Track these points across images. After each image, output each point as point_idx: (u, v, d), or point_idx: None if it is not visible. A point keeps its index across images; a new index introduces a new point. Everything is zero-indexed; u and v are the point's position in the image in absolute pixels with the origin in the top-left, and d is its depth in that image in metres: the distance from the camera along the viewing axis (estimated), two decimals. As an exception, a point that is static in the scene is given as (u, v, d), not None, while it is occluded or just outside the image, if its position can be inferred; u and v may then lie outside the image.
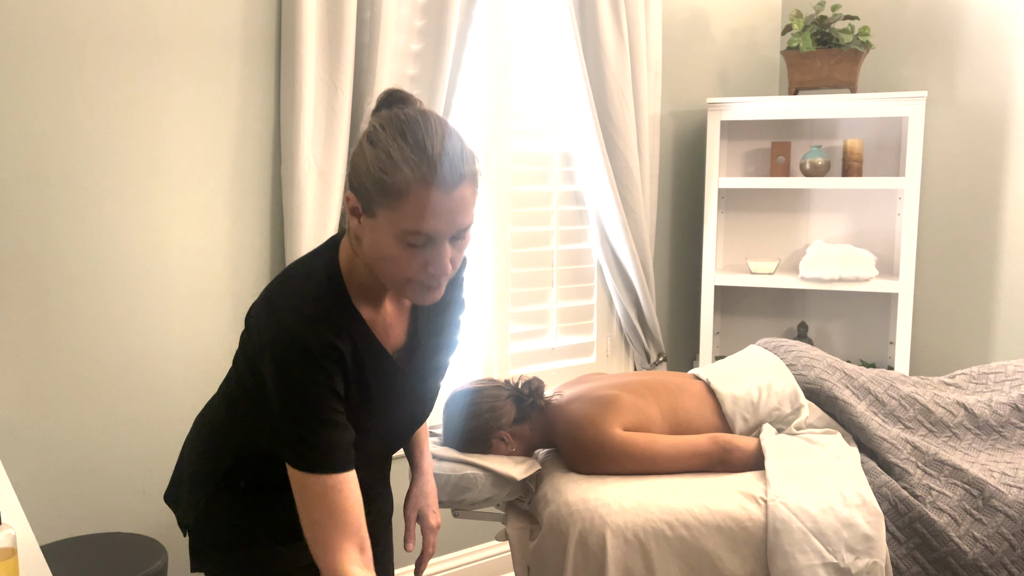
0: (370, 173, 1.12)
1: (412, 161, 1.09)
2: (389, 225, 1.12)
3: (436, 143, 1.11)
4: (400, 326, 1.34)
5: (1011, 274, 2.96)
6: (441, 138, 1.12)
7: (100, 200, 2.03)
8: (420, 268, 1.16)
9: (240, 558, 1.38)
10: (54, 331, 2.00)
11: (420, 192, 1.09)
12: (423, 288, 1.19)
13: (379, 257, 1.17)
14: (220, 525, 1.39)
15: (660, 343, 3.11)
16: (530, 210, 2.85)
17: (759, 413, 2.04)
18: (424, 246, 1.14)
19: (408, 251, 1.14)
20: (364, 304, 1.27)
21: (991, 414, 2.06)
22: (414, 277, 1.17)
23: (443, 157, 1.10)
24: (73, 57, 1.96)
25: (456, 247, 1.18)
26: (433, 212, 1.10)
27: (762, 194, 3.31)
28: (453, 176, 1.11)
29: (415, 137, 1.11)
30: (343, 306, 1.24)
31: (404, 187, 1.09)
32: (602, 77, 2.80)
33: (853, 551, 1.70)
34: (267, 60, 2.23)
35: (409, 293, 1.20)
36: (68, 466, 2.04)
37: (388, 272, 1.18)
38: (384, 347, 1.30)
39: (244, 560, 1.38)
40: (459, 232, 1.15)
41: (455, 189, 1.11)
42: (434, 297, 1.21)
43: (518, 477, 1.89)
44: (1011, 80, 2.91)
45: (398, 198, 1.10)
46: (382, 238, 1.14)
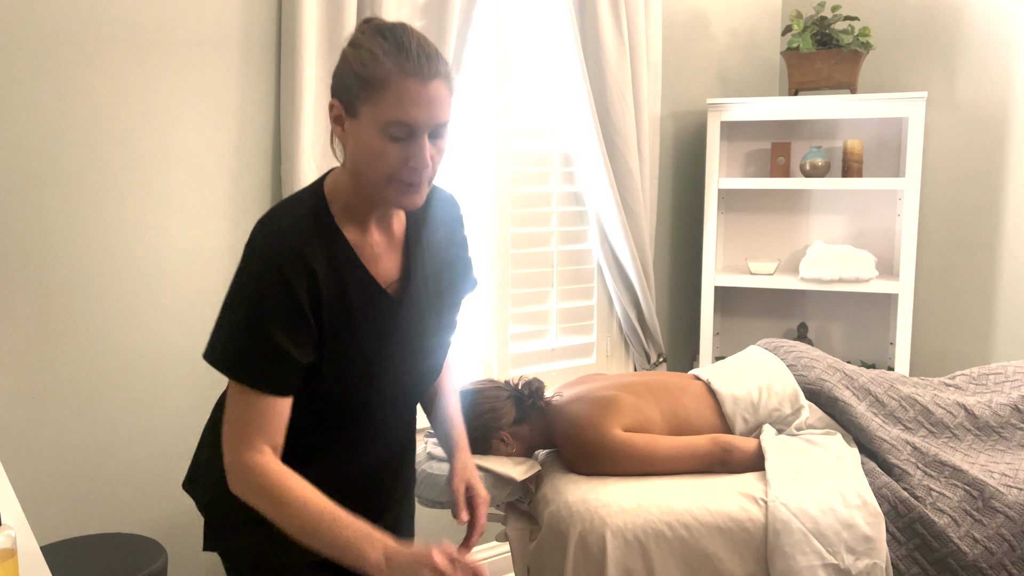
0: (353, 71, 1.19)
1: (392, 55, 1.17)
2: (372, 120, 1.18)
3: (413, 42, 1.19)
4: (392, 258, 1.35)
5: (1011, 275, 2.96)
6: (417, 39, 1.20)
7: (99, 201, 2.03)
8: (402, 164, 1.20)
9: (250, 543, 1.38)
10: (53, 332, 2.00)
11: (400, 82, 1.16)
12: (405, 188, 1.22)
13: (363, 158, 1.21)
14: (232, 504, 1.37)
15: (660, 344, 3.11)
16: (530, 211, 2.85)
17: (759, 414, 2.04)
18: (405, 139, 1.19)
19: (390, 145, 1.19)
20: (348, 225, 1.30)
21: (991, 415, 2.06)
22: (396, 174, 1.20)
23: (420, 52, 1.18)
24: (72, 58, 1.96)
25: (435, 146, 1.22)
26: (413, 101, 1.16)
27: (762, 195, 3.31)
28: (430, 69, 1.18)
29: (394, 36, 1.19)
30: (322, 222, 1.28)
31: (385, 78, 1.16)
32: (602, 78, 2.80)
33: (853, 552, 1.70)
34: (267, 61, 2.23)
35: (392, 195, 1.23)
36: (68, 467, 2.04)
37: (372, 172, 1.21)
38: (371, 274, 1.31)
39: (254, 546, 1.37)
40: (437, 128, 1.20)
41: (432, 81, 1.18)
42: (416, 200, 1.24)
43: (518, 478, 1.89)
44: (1011, 81, 2.92)
45: (380, 90, 1.17)
46: (365, 135, 1.19)
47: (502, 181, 2.75)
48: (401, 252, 1.37)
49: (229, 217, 2.21)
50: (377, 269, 1.33)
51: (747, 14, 3.41)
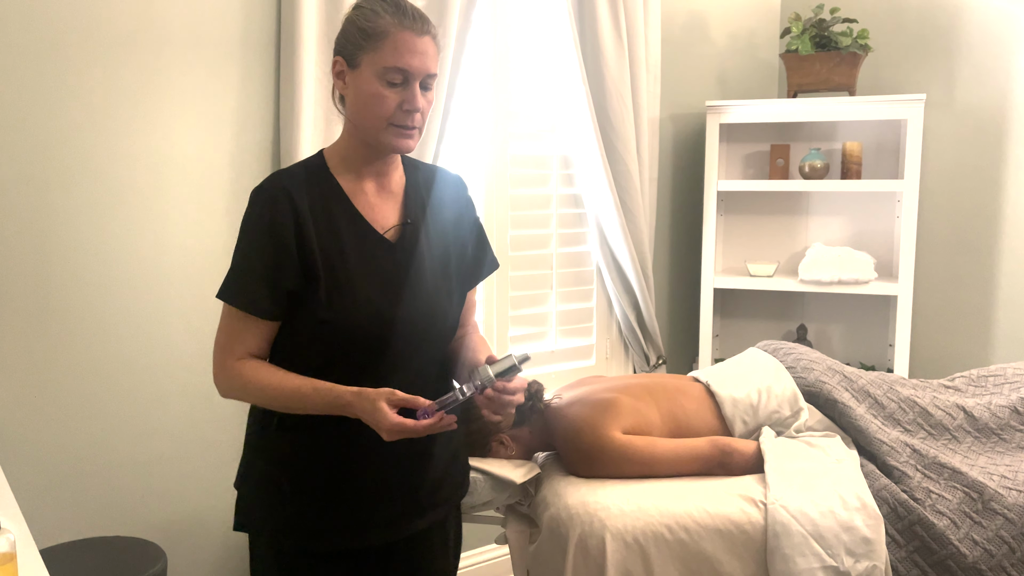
0: (356, 27, 1.39)
1: (391, 11, 1.38)
2: (371, 67, 1.37)
3: (408, 5, 1.40)
4: (389, 207, 1.49)
5: (1010, 276, 2.97)
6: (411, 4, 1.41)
7: (98, 203, 2.03)
8: (397, 108, 1.38)
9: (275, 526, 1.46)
10: (52, 335, 2.00)
11: (397, 34, 1.36)
12: (399, 133, 1.40)
13: (362, 104, 1.39)
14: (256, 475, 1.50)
15: (659, 346, 3.11)
16: (529, 213, 2.85)
17: (759, 416, 2.04)
18: (400, 85, 1.37)
19: (387, 90, 1.37)
20: (345, 175, 1.46)
21: (990, 417, 2.06)
22: (392, 117, 1.38)
23: (415, 13, 1.40)
24: (70, 59, 1.96)
25: (425, 97, 1.41)
26: (409, 49, 1.36)
27: (761, 197, 3.31)
28: (423, 26, 1.39)
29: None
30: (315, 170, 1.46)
31: (384, 30, 1.37)
32: (601, 80, 2.80)
33: (853, 554, 1.70)
34: (266, 61, 2.23)
35: (388, 137, 1.40)
36: (67, 470, 2.04)
37: (370, 116, 1.39)
38: (364, 217, 1.45)
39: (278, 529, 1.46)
40: (426, 79, 1.40)
41: (424, 36, 1.39)
42: (409, 143, 1.41)
43: (518, 480, 1.89)
44: (1009, 83, 2.92)
45: (380, 39, 1.36)
46: (365, 83, 1.38)
47: (501, 183, 2.76)
48: (400, 206, 1.50)
49: (229, 218, 2.21)
50: (371, 214, 1.46)
51: (746, 16, 3.41)
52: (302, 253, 1.39)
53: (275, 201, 1.40)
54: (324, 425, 1.42)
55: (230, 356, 1.42)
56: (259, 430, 1.50)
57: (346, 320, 1.40)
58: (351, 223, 1.44)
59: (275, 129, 2.26)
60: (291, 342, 1.45)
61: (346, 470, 1.45)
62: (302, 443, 1.45)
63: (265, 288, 1.39)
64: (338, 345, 1.41)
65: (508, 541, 1.97)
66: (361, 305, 1.41)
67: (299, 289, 1.40)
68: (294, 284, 1.39)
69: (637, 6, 2.86)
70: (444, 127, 2.43)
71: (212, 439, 2.22)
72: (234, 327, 1.42)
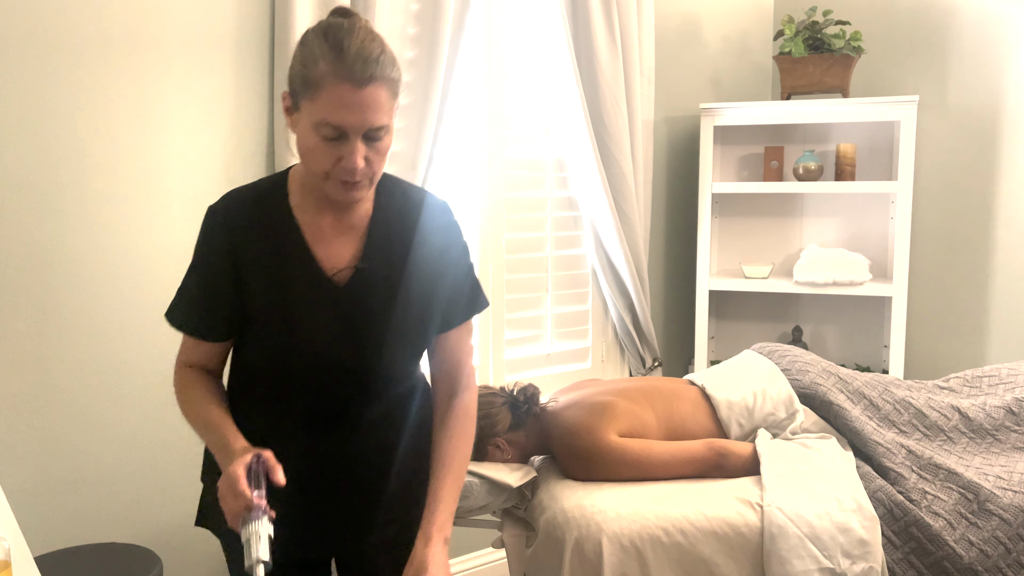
0: (295, 68, 1.25)
1: (328, 57, 1.21)
2: (308, 116, 1.23)
3: (354, 44, 1.21)
4: (345, 244, 1.37)
5: (1004, 276, 2.97)
6: (361, 41, 1.22)
7: (94, 205, 2.02)
8: (335, 162, 1.24)
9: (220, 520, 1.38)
10: (47, 340, 1.99)
11: (333, 86, 1.20)
12: (340, 185, 1.27)
13: (303, 151, 1.27)
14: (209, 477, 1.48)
15: (655, 348, 3.11)
16: (524, 216, 2.85)
17: (754, 418, 2.04)
18: (337, 140, 1.23)
19: (324, 144, 1.23)
20: (304, 205, 1.36)
21: (985, 417, 2.07)
22: (331, 172, 1.25)
23: (357, 57, 1.20)
24: (66, 61, 1.96)
25: (373, 148, 1.25)
26: (342, 104, 1.20)
27: (756, 199, 3.32)
28: (364, 74, 1.20)
29: (335, 37, 1.22)
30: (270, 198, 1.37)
31: (320, 79, 1.21)
32: (595, 83, 2.80)
33: (849, 556, 1.70)
34: (261, 64, 2.23)
35: (330, 190, 1.28)
36: (62, 476, 2.03)
37: (310, 167, 1.27)
38: (314, 254, 1.35)
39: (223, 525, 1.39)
40: (372, 131, 1.23)
41: (366, 86, 1.21)
42: (352, 196, 1.28)
43: (514, 484, 1.89)
44: (1002, 84, 2.93)
45: (315, 89, 1.21)
46: (304, 130, 1.25)
47: (496, 186, 2.76)
48: (359, 244, 1.38)
49: (223, 225, 2.20)
50: (324, 251, 1.36)
51: (739, 19, 3.42)
52: (239, 287, 1.34)
53: (217, 230, 1.35)
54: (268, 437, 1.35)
55: (179, 361, 1.43)
56: None
57: (281, 362, 1.36)
58: (299, 261, 1.35)
59: (269, 131, 2.26)
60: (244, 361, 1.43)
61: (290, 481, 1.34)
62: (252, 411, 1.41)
63: (204, 312, 1.37)
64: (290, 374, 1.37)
65: (504, 545, 1.97)
66: (295, 350, 1.35)
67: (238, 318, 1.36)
68: (232, 313, 1.36)
69: (631, 9, 2.86)
70: (438, 130, 2.43)
71: (207, 444, 2.21)
72: (185, 343, 1.42)
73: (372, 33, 1.25)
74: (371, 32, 1.25)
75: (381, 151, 1.27)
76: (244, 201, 1.37)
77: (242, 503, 1.20)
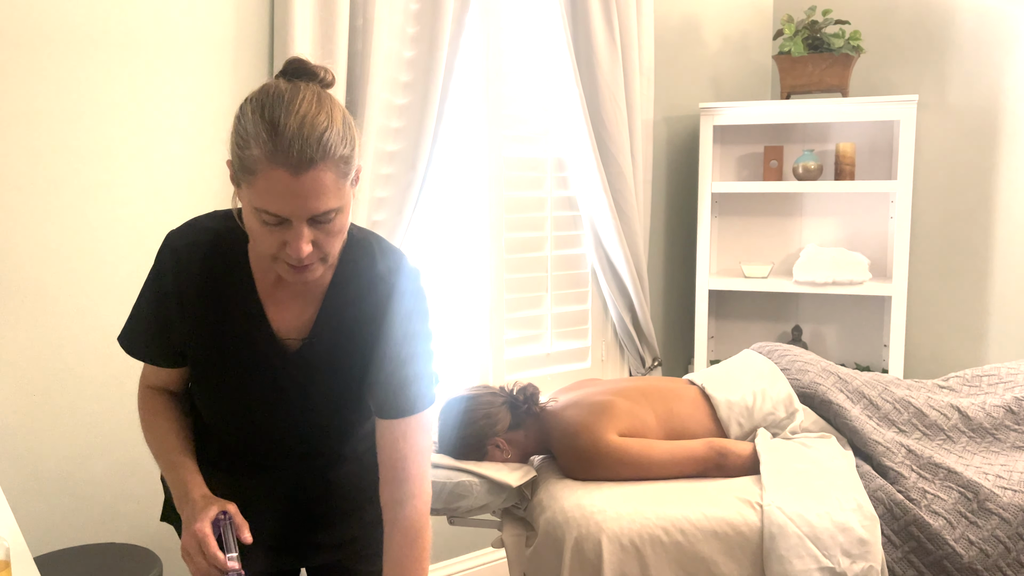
0: (233, 142, 1.11)
1: (262, 139, 1.07)
2: (248, 200, 1.11)
3: (292, 123, 1.07)
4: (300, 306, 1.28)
5: (1003, 276, 2.98)
6: (301, 118, 1.07)
7: (90, 205, 2.02)
8: (280, 247, 1.13)
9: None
10: (45, 341, 1.99)
11: (267, 172, 1.07)
12: (289, 268, 1.16)
13: (249, 229, 1.16)
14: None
15: (655, 348, 3.11)
16: (524, 215, 2.85)
17: (754, 418, 2.04)
18: (279, 225, 1.11)
19: (265, 228, 1.11)
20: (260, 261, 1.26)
21: (985, 417, 2.07)
22: (277, 255, 1.14)
23: (295, 139, 1.06)
24: (63, 61, 1.96)
25: (322, 230, 1.12)
26: (279, 193, 1.07)
27: (755, 198, 3.32)
28: (303, 159, 1.06)
29: (272, 115, 1.08)
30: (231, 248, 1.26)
31: (253, 165, 1.07)
32: (595, 82, 2.80)
33: (849, 555, 1.70)
34: (260, 68, 2.23)
35: (280, 271, 1.17)
36: (61, 477, 2.03)
37: (257, 246, 1.16)
38: (267, 316, 1.26)
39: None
40: (317, 216, 1.10)
41: (305, 172, 1.06)
42: (303, 278, 1.16)
43: (514, 484, 1.89)
44: (1001, 83, 2.93)
45: (250, 174, 1.08)
46: (246, 211, 1.14)
47: (496, 186, 2.76)
48: (313, 311, 1.28)
49: (222, 224, 2.20)
50: (277, 314, 1.27)
51: (739, 19, 3.42)
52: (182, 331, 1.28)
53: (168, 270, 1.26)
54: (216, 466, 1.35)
55: (143, 382, 1.38)
56: None
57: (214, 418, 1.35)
58: (247, 318, 1.26)
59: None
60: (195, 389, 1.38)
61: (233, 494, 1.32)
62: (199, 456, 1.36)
63: (154, 339, 1.31)
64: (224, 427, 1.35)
65: (504, 545, 1.97)
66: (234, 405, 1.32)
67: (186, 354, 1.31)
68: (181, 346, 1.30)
69: (630, 9, 2.86)
70: (438, 130, 2.43)
71: (207, 444, 2.21)
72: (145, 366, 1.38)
73: (319, 104, 1.10)
74: (318, 102, 1.10)
75: (333, 232, 1.14)
76: (202, 241, 1.25)
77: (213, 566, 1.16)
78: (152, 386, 1.37)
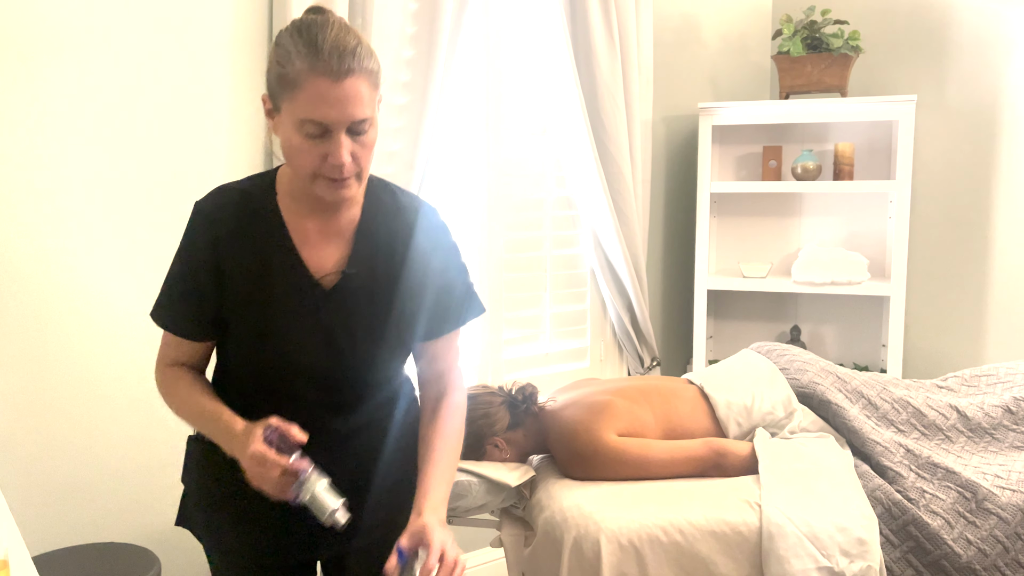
0: (272, 70, 1.24)
1: (303, 54, 1.19)
2: (290, 116, 1.21)
3: (329, 38, 1.20)
4: (333, 248, 1.36)
5: (1002, 276, 2.98)
6: (335, 35, 1.20)
7: (92, 205, 2.02)
8: (321, 160, 1.22)
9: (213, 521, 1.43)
10: (45, 341, 1.99)
11: (311, 81, 1.18)
12: (329, 184, 1.25)
13: (288, 153, 1.25)
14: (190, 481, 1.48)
15: (654, 348, 3.11)
16: (523, 215, 2.85)
17: (753, 417, 2.04)
18: (321, 137, 1.21)
19: (308, 142, 1.21)
20: (291, 208, 1.34)
21: (983, 416, 2.07)
22: (318, 171, 1.24)
23: (332, 50, 1.18)
24: (60, 61, 1.96)
25: (358, 142, 1.23)
26: (323, 100, 1.18)
27: (754, 198, 3.32)
28: (341, 67, 1.18)
29: (309, 34, 1.20)
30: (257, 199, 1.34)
31: (297, 77, 1.19)
32: (594, 82, 2.80)
33: (847, 555, 1.70)
34: (258, 64, 2.23)
35: (319, 190, 1.26)
36: (60, 476, 2.03)
37: (297, 168, 1.25)
38: (302, 258, 1.33)
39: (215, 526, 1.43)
40: (355, 125, 1.21)
41: (344, 79, 1.19)
42: (342, 194, 1.26)
43: (512, 483, 1.89)
44: (1000, 83, 2.93)
45: (293, 88, 1.20)
46: (287, 131, 1.23)
47: (495, 186, 2.76)
48: (345, 249, 1.36)
49: (221, 224, 2.20)
50: (311, 255, 1.35)
51: (738, 19, 3.42)
52: (221, 288, 1.32)
53: (201, 231, 1.33)
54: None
55: (162, 365, 1.41)
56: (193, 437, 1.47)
57: (260, 368, 1.36)
58: (285, 263, 1.33)
59: (266, 129, 2.26)
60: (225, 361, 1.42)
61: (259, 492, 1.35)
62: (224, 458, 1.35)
63: (187, 311, 1.35)
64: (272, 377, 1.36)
65: (503, 544, 1.97)
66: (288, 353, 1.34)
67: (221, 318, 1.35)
68: (215, 314, 1.34)
69: (629, 9, 2.86)
70: (437, 129, 2.43)
71: (206, 444, 2.21)
72: (166, 339, 1.40)
73: (346, 27, 1.23)
74: (345, 26, 1.23)
75: (367, 145, 1.25)
76: (231, 201, 1.34)
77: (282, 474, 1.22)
78: (173, 364, 1.40)
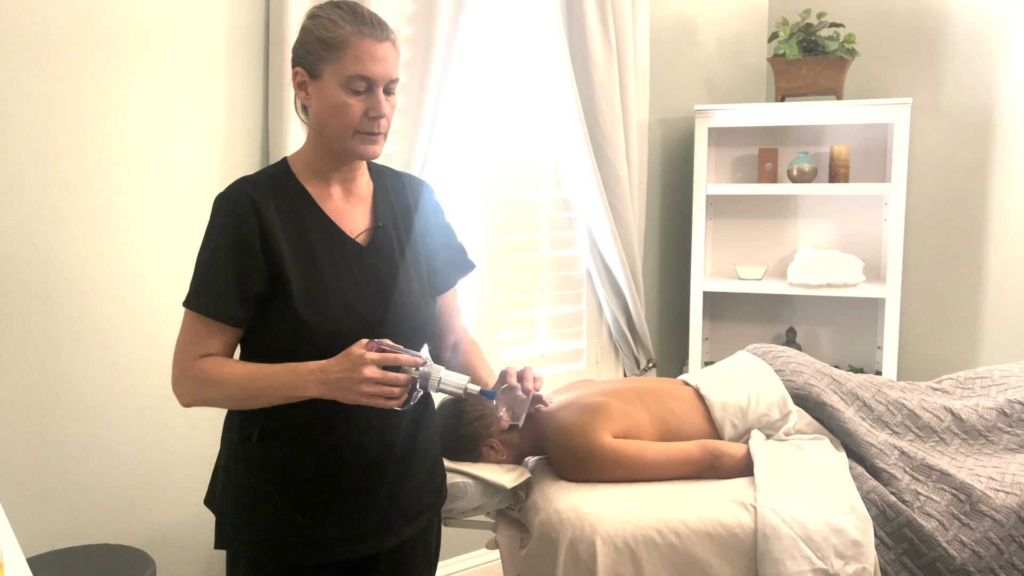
0: (316, 37, 1.39)
1: (348, 19, 1.38)
2: (334, 77, 1.38)
3: (364, 10, 1.41)
4: (358, 212, 1.51)
5: (997, 278, 2.99)
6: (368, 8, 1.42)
7: (91, 205, 2.02)
8: (362, 115, 1.39)
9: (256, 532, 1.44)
10: (43, 341, 1.98)
11: (358, 42, 1.37)
12: (366, 140, 1.41)
13: (328, 113, 1.39)
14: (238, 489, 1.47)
15: (650, 349, 3.11)
16: (519, 217, 2.86)
17: (748, 419, 2.04)
18: (364, 92, 1.39)
19: (352, 98, 1.38)
20: (311, 181, 1.47)
21: (978, 419, 2.07)
22: (358, 126, 1.40)
23: (371, 17, 1.40)
24: (59, 60, 1.95)
25: (388, 102, 1.42)
26: (370, 57, 1.37)
27: (750, 200, 3.32)
28: (383, 31, 1.40)
29: (348, 6, 1.41)
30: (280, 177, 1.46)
31: (344, 40, 1.37)
32: (590, 84, 2.80)
33: (842, 557, 1.71)
34: (255, 64, 2.23)
35: (354, 146, 1.41)
36: (55, 477, 2.02)
37: (336, 126, 1.40)
38: (335, 223, 1.46)
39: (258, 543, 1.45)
40: (390, 84, 1.41)
41: (383, 41, 1.39)
42: (376, 149, 1.43)
43: (508, 485, 1.89)
44: (995, 85, 2.94)
45: (341, 49, 1.37)
46: (329, 93, 1.39)
47: (491, 187, 2.76)
48: (369, 210, 1.52)
49: (217, 225, 2.20)
50: (342, 219, 1.47)
51: (734, 21, 3.43)
52: (269, 256, 1.39)
53: (239, 206, 1.40)
54: (304, 435, 1.42)
55: (188, 359, 1.41)
56: (239, 442, 1.47)
57: (325, 323, 1.39)
58: (321, 228, 1.45)
59: (264, 128, 2.26)
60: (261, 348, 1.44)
61: (330, 479, 1.44)
62: (285, 453, 1.43)
63: (233, 293, 1.38)
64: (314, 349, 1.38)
65: (499, 546, 1.97)
66: (338, 308, 1.41)
67: (268, 292, 1.39)
68: (262, 287, 1.39)
69: (625, 10, 2.87)
70: (433, 131, 2.44)
71: (202, 448, 2.21)
72: (197, 332, 1.41)
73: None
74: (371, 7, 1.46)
75: (394, 105, 1.44)
76: (259, 183, 1.44)
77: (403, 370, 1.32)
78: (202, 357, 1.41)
